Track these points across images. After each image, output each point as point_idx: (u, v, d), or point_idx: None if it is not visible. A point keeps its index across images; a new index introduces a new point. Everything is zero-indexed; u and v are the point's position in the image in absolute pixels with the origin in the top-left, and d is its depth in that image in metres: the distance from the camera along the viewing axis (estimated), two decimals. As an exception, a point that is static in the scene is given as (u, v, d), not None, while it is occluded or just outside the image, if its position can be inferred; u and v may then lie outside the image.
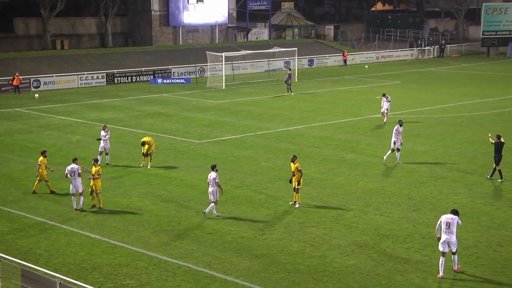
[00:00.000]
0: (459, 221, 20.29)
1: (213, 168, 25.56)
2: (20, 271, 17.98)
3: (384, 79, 65.88)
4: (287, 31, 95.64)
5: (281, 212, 26.02)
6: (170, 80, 64.78)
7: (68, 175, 26.29)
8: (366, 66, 77.08)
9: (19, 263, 18.60)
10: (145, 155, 32.31)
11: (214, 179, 25.07)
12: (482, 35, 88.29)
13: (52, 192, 28.31)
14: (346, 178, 30.49)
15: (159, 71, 66.31)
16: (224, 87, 60.02)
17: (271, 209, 26.33)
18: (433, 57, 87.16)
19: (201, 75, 67.10)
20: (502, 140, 30.12)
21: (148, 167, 32.14)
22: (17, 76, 57.06)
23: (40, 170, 28.19)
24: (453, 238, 20.16)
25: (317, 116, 45.88)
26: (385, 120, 42.83)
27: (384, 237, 23.27)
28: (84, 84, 62.05)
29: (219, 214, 25.52)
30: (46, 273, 17.71)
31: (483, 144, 36.94)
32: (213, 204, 25.24)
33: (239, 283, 19.71)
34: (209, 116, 46.21)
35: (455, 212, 20.51)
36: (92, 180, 26.15)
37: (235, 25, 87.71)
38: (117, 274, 20.38)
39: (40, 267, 19.26)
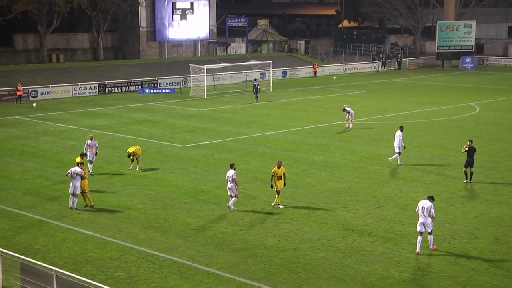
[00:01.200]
0: (432, 210, 21.32)
1: (232, 166, 25.84)
2: (19, 264, 17.83)
3: (350, 89, 66.15)
4: (263, 46, 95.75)
5: (258, 209, 26.00)
6: (157, 90, 64.54)
7: (70, 176, 25.87)
8: (334, 77, 77.31)
9: (18, 257, 18.42)
10: (132, 160, 32.09)
11: (232, 176, 25.30)
12: (437, 49, 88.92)
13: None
14: (317, 178, 30.56)
15: (147, 82, 66.06)
16: (205, 96, 59.94)
17: (249, 207, 26.31)
18: (394, 69, 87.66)
19: (184, 85, 66.95)
20: (473, 145, 29.80)
21: (137, 169, 32.01)
22: (20, 87, 56.71)
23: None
24: (428, 220, 21.25)
25: (290, 122, 45.94)
26: (351, 126, 42.89)
27: (351, 232, 23.34)
28: (78, 94, 61.66)
29: (235, 209, 25.63)
30: (44, 267, 17.58)
31: (438, 147, 37.25)
32: (234, 198, 25.53)
33: (220, 274, 19.68)
34: (192, 123, 46.11)
35: (431, 198, 21.72)
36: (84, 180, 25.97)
37: (215, 40, 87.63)
38: (108, 267, 20.27)
39: (38, 261, 19.08)
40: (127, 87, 64.93)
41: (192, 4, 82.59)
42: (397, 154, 33.02)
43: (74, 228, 23.83)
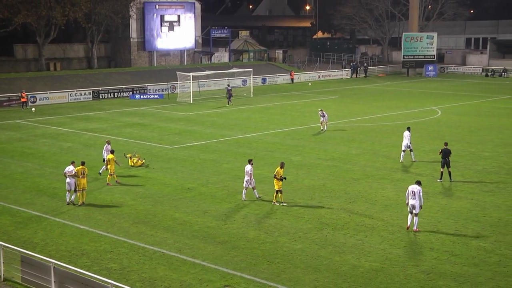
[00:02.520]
0: (421, 194, 22.63)
1: (250, 161, 26.60)
2: (20, 257, 17.67)
3: (324, 94, 66.30)
4: (244, 55, 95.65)
5: (240, 205, 25.97)
6: (146, 96, 64.23)
7: (66, 174, 25.95)
8: (310, 84, 77.44)
9: (19, 250, 18.26)
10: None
11: (249, 170, 26.12)
12: (403, 58, 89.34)
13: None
14: (294, 176, 30.57)
15: (137, 88, 65.72)
16: (191, 102, 59.76)
17: (232, 203, 26.27)
18: (363, 76, 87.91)
19: (172, 91, 66.71)
20: (448, 147, 29.75)
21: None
22: (24, 93, 56.29)
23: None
24: (417, 203, 22.49)
25: (269, 125, 45.94)
26: (325, 129, 42.98)
27: (325, 225, 23.38)
28: (74, 100, 61.21)
29: (261, 196, 26.59)
30: (42, 259, 17.44)
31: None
32: (255, 190, 26.42)
33: (205, 265, 19.62)
34: (179, 126, 45.95)
35: (418, 183, 22.94)
36: (79, 179, 25.81)
37: (200, 49, 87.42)
38: (102, 259, 20.14)
39: (37, 254, 18.93)
40: (119, 93, 64.54)
41: (179, 16, 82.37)
42: (403, 152, 33.48)
43: (70, 223, 23.65)
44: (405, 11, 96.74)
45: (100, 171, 30.62)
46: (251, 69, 69.36)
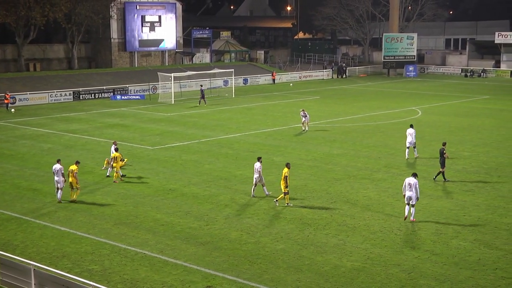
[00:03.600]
0: (417, 186, 23.62)
1: (259, 159, 27.08)
2: (-1, 260, 17.49)
3: (306, 94, 66.46)
4: (225, 55, 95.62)
5: (222, 206, 25.94)
6: (127, 96, 63.92)
7: (54, 173, 26.31)
8: (291, 84, 77.57)
9: (-2, 253, 18.07)
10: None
11: (258, 168, 26.54)
12: (383, 59, 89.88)
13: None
14: (276, 177, 30.56)
15: (118, 89, 65.39)
16: (173, 102, 59.59)
17: (214, 204, 26.24)
18: (344, 77, 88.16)
19: (153, 92, 66.48)
20: (444, 147, 29.85)
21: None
22: (8, 95, 55.73)
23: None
24: (414, 195, 23.50)
25: (251, 125, 45.95)
26: (306, 129, 43.05)
27: (307, 225, 23.43)
28: (54, 100, 60.74)
29: (270, 193, 26.97)
30: (22, 261, 17.28)
31: (385, 147, 37.65)
32: (265, 187, 26.92)
33: (187, 266, 19.57)
34: (161, 127, 45.80)
35: (415, 175, 23.92)
36: (72, 177, 26.20)
37: (182, 50, 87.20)
38: (83, 260, 20.00)
39: (17, 256, 18.73)
40: (100, 94, 64.17)
41: (160, 17, 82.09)
42: (415, 148, 34.36)
43: (51, 225, 23.46)
44: (385, 12, 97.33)
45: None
46: (233, 70, 69.38)
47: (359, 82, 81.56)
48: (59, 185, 26.20)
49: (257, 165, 26.78)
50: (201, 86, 61.32)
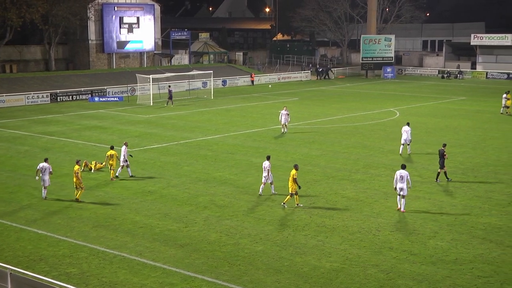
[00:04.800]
0: (409, 177, 24.82)
1: (268, 158, 27.42)
2: (-25, 264, 17.27)
3: (284, 96, 66.58)
4: (204, 57, 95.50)
5: (201, 207, 25.89)
6: (106, 98, 63.54)
7: (40, 171, 26.47)
8: (270, 86, 77.66)
9: (-26, 257, 17.83)
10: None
11: (267, 166, 26.92)
12: (362, 60, 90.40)
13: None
14: (255, 178, 30.61)
15: (96, 91, 64.97)
16: (152, 104, 59.35)
17: (193, 206, 26.17)
18: (323, 78, 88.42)
19: (132, 93, 66.15)
20: (443, 148, 30.04)
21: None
22: None
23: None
24: (405, 186, 24.71)
25: (230, 127, 45.92)
26: (285, 131, 43.04)
27: (286, 227, 23.47)
28: (31, 102, 60.15)
29: (276, 192, 27.42)
30: (-1, 266, 17.06)
31: (364, 148, 37.85)
32: (272, 186, 27.42)
33: (166, 268, 19.50)
34: (139, 128, 45.58)
35: (404, 167, 25.25)
36: (76, 177, 26.44)
37: (160, 52, 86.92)
38: (61, 263, 19.83)
39: (-7, 260, 18.52)
40: (78, 96, 63.70)
41: (138, 18, 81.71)
42: (409, 145, 35.59)
43: (27, 228, 23.22)
44: (363, 14, 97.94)
45: (131, 174, 30.87)
46: (212, 71, 69.33)
47: (338, 83, 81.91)
48: (45, 183, 26.58)
49: (266, 163, 27.12)
50: (169, 86, 61.39)
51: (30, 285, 16.22)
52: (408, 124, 36.08)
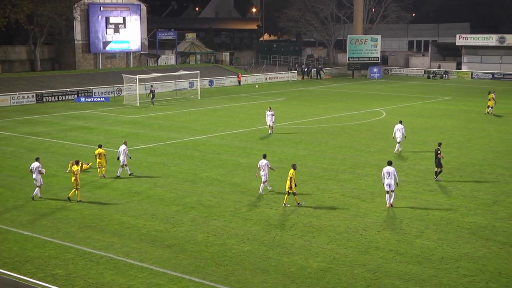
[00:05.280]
0: (395, 173, 25.48)
1: (264, 156, 27.83)
2: (-40, 266, 17.13)
3: (271, 96, 66.62)
4: (191, 57, 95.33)
5: (188, 208, 25.84)
6: (92, 98, 63.27)
7: (32, 171, 26.71)
8: (257, 86, 77.66)
9: (-41, 259, 17.68)
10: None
11: (267, 164, 27.35)
12: (348, 60, 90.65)
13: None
14: (242, 178, 30.62)
15: (82, 91, 64.67)
16: (138, 104, 59.16)
17: (180, 206, 26.12)
18: (317, 78, 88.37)
19: (118, 94, 65.88)
20: (438, 147, 30.14)
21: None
22: None
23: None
24: (392, 181, 25.38)
25: (217, 127, 45.88)
26: (270, 132, 42.83)
27: (274, 227, 23.48)
28: (16, 103, 59.74)
29: (264, 193, 27.73)
30: (-16, 267, 16.93)
31: (350, 148, 37.96)
32: (266, 183, 27.64)
33: (153, 269, 19.44)
34: (126, 129, 45.42)
35: (390, 163, 25.88)
36: (74, 176, 26.46)
37: (147, 52, 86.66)
38: (47, 265, 19.71)
39: (-22, 262, 18.39)
40: (64, 96, 63.37)
41: (124, 18, 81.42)
42: (398, 144, 36.14)
43: (13, 230, 23.06)
44: (349, 14, 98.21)
45: (130, 172, 31.19)
46: (198, 72, 69.25)
47: (324, 83, 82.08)
48: (37, 183, 26.75)
49: (264, 162, 27.40)
50: (151, 86, 61.25)
51: (16, 287, 16.11)
52: (400, 122, 36.80)
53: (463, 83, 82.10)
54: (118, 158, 31.11)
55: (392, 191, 25.63)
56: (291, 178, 25.48)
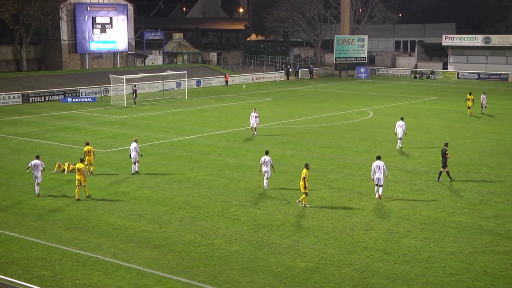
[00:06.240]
0: (385, 167, 26.49)
1: (267, 153, 28.47)
2: None
3: (259, 96, 66.64)
4: (178, 57, 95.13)
5: (176, 208, 25.79)
6: (79, 99, 62.97)
7: (32, 168, 27.04)
8: (244, 86, 77.65)
9: None
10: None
11: (269, 161, 27.94)
12: (335, 60, 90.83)
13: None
14: (229, 179, 30.60)
15: (69, 92, 64.33)
16: (125, 105, 58.95)
17: (167, 206, 26.06)
18: (310, 78, 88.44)
19: (105, 94, 65.59)
20: (445, 147, 30.23)
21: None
22: None
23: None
24: (381, 175, 26.32)
25: (205, 127, 45.82)
26: (255, 133, 42.50)
27: (261, 227, 23.49)
28: (2, 103, 59.31)
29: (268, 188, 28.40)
30: (-30, 269, 16.80)
31: (338, 148, 38.05)
32: (267, 180, 28.25)
33: (141, 270, 19.39)
34: (113, 129, 45.24)
35: (379, 158, 26.85)
36: (81, 175, 26.75)
37: (134, 52, 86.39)
38: (33, 266, 19.59)
39: (-36, 263, 18.24)
40: (50, 97, 62.99)
41: (111, 19, 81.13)
42: (400, 140, 37.36)
43: (-1, 231, 22.89)
44: (336, 14, 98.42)
45: (136, 170, 31.53)
46: (186, 72, 69.12)
47: (311, 83, 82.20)
48: (37, 180, 27.16)
49: (266, 158, 28.02)
50: (134, 86, 61.09)
51: (2, 289, 16.02)
52: (402, 118, 38.13)
53: (449, 83, 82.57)
54: (130, 156, 31.46)
55: (381, 185, 26.51)
56: (304, 178, 25.52)
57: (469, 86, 76.44)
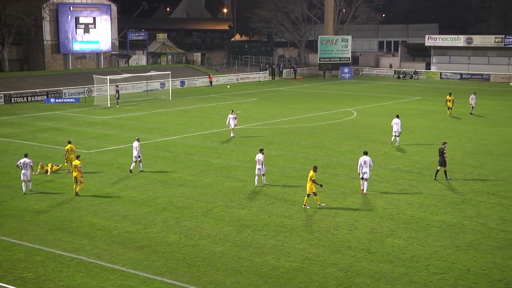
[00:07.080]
0: (371, 162, 27.49)
1: (261, 151, 28.89)
2: None
3: (243, 96, 66.62)
4: (162, 58, 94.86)
5: (160, 209, 25.71)
6: (62, 99, 62.55)
7: (20, 166, 27.57)
8: (228, 86, 77.59)
9: None
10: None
11: (261, 159, 28.44)
12: (319, 61, 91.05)
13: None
14: (214, 179, 30.57)
15: (52, 92, 63.87)
16: (109, 105, 58.67)
17: (151, 207, 25.98)
18: (295, 78, 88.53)
19: (89, 95, 65.23)
20: (443, 146, 30.33)
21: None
22: None
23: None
24: (368, 170, 27.29)
25: (189, 128, 45.72)
26: (232, 135, 41.92)
27: (246, 227, 23.49)
28: (-16, 104, 58.88)
29: (268, 183, 29.21)
30: (-49, 271, 16.63)
31: (322, 148, 38.14)
32: (264, 177, 29.05)
33: (125, 271, 19.31)
34: (97, 130, 45.01)
35: (366, 153, 27.93)
36: (77, 171, 27.23)
37: (117, 52, 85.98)
38: (16, 268, 19.44)
39: None
40: (33, 97, 62.50)
41: (94, 19, 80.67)
42: (398, 137, 38.46)
43: (-19, 233, 22.68)
44: (320, 15, 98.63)
45: (131, 169, 31.85)
46: (170, 72, 68.91)
47: (296, 83, 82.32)
48: (26, 177, 27.69)
49: (260, 156, 28.48)
50: (117, 86, 60.84)
51: (-16, 291, 15.89)
52: (397, 116, 39.14)
53: (432, 83, 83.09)
54: (138, 156, 31.81)
55: (366, 179, 27.44)
56: (313, 180, 25.51)
57: (451, 86, 77.00)
